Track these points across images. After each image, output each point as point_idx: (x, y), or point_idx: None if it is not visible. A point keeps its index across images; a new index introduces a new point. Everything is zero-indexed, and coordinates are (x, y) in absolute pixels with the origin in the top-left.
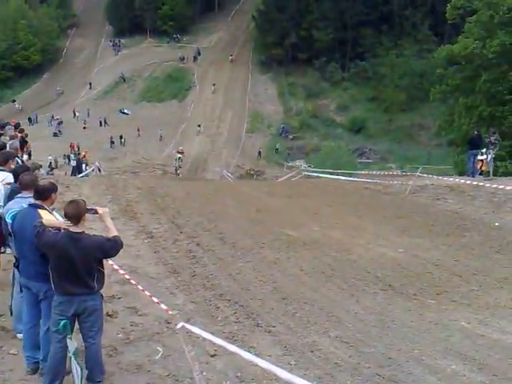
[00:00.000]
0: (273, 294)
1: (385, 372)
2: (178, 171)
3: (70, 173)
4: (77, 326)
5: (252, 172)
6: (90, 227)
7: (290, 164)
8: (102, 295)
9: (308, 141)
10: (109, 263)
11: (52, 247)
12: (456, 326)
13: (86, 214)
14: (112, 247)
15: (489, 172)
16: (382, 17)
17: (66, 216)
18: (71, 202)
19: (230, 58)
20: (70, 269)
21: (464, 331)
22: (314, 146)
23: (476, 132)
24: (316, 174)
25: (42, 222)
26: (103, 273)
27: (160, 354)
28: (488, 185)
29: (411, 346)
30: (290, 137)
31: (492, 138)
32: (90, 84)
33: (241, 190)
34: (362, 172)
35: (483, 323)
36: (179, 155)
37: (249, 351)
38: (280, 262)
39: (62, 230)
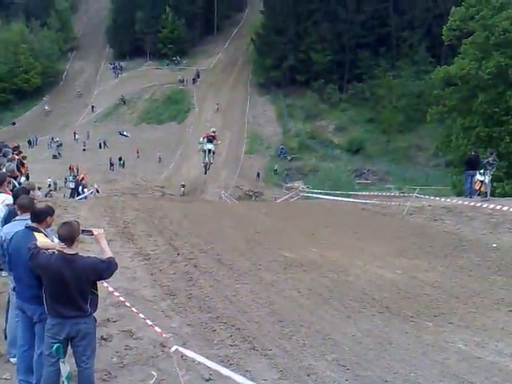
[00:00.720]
0: (269, 317)
1: None
2: (209, 168)
3: (68, 195)
4: (70, 350)
5: (251, 193)
6: (87, 249)
7: (289, 185)
8: (95, 318)
9: (306, 162)
10: (104, 285)
11: (45, 269)
12: (453, 349)
13: (83, 236)
14: (106, 269)
15: (486, 193)
16: (379, 39)
17: (60, 238)
18: (64, 223)
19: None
20: (62, 291)
21: (461, 353)
22: (312, 166)
23: (473, 152)
24: (314, 195)
25: (36, 244)
26: (97, 295)
27: (154, 379)
28: (485, 206)
29: (408, 369)
30: (289, 158)
31: (490, 159)
32: (93, 107)
33: (238, 211)
34: (360, 193)
35: (480, 345)
36: (210, 145)
37: (244, 375)
38: (277, 284)
39: (56, 252)
